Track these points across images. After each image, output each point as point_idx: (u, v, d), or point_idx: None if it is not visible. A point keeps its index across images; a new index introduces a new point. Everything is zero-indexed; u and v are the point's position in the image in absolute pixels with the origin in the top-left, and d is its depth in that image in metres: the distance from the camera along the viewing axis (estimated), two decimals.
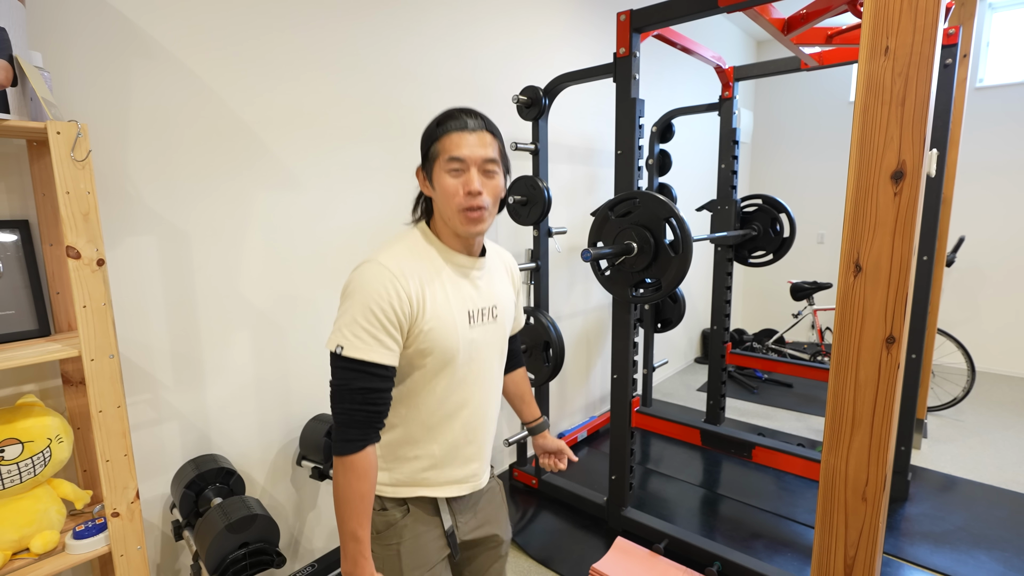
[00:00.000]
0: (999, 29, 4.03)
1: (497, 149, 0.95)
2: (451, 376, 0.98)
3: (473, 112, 0.95)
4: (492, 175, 0.94)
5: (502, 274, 1.12)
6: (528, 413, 1.31)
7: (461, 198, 0.92)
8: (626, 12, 1.87)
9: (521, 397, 1.31)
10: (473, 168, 0.92)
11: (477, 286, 1.02)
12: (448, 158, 0.92)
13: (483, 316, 1.02)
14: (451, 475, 1.04)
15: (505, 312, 1.08)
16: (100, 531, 1.15)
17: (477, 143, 0.92)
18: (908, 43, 0.86)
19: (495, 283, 1.07)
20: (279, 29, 1.67)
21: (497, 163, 0.95)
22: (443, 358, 0.96)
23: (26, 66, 1.03)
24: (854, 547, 1.02)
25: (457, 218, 0.94)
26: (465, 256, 1.00)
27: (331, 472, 1.69)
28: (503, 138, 1.00)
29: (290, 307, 1.78)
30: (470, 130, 0.92)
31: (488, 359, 1.04)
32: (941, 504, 2.38)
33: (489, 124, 0.96)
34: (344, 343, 0.88)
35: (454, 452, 1.03)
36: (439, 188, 0.94)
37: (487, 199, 0.93)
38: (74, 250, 1.03)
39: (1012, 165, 3.98)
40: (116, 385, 1.10)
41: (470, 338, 0.99)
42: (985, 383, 3.94)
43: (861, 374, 0.97)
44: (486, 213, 0.94)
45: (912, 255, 0.91)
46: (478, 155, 0.92)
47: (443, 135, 0.93)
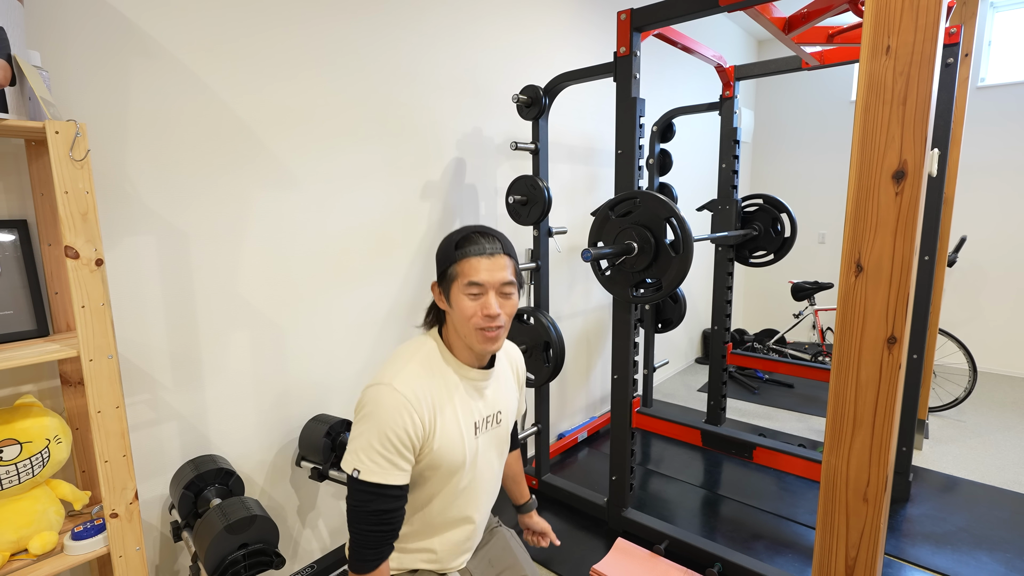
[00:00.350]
0: (1001, 28, 4.02)
1: (513, 270, 1.00)
2: (456, 484, 1.04)
3: (490, 234, 1.00)
4: (509, 296, 1.00)
5: (508, 376, 1.16)
6: (519, 494, 1.38)
7: (479, 319, 0.97)
8: (626, 11, 1.87)
9: (514, 478, 1.37)
10: (491, 292, 0.96)
11: (484, 396, 1.07)
12: (467, 283, 0.96)
13: (487, 424, 1.07)
14: (451, 562, 1.12)
15: (508, 415, 1.14)
16: (99, 532, 1.14)
17: (495, 267, 0.97)
18: (909, 42, 0.86)
19: (502, 389, 1.12)
20: (279, 29, 1.67)
21: (514, 284, 1.00)
22: (450, 470, 1.02)
23: (24, 65, 1.03)
24: (855, 548, 1.01)
25: (474, 336, 0.99)
26: (477, 370, 1.05)
27: (330, 473, 1.70)
28: (516, 254, 1.05)
29: (289, 307, 1.78)
30: (488, 255, 0.97)
31: (490, 462, 1.10)
32: (943, 505, 2.37)
33: (506, 246, 1.01)
34: (361, 467, 0.92)
35: (455, 547, 1.10)
36: (457, 308, 0.98)
37: (504, 319, 0.99)
38: (72, 250, 1.03)
39: (1014, 165, 3.97)
40: (115, 385, 1.09)
41: (475, 448, 1.04)
42: (987, 383, 3.93)
43: (862, 374, 0.96)
44: (502, 332, 1.00)
45: (913, 255, 0.90)
46: (496, 279, 0.97)
47: (462, 259, 0.97)
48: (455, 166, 2.29)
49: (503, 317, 0.98)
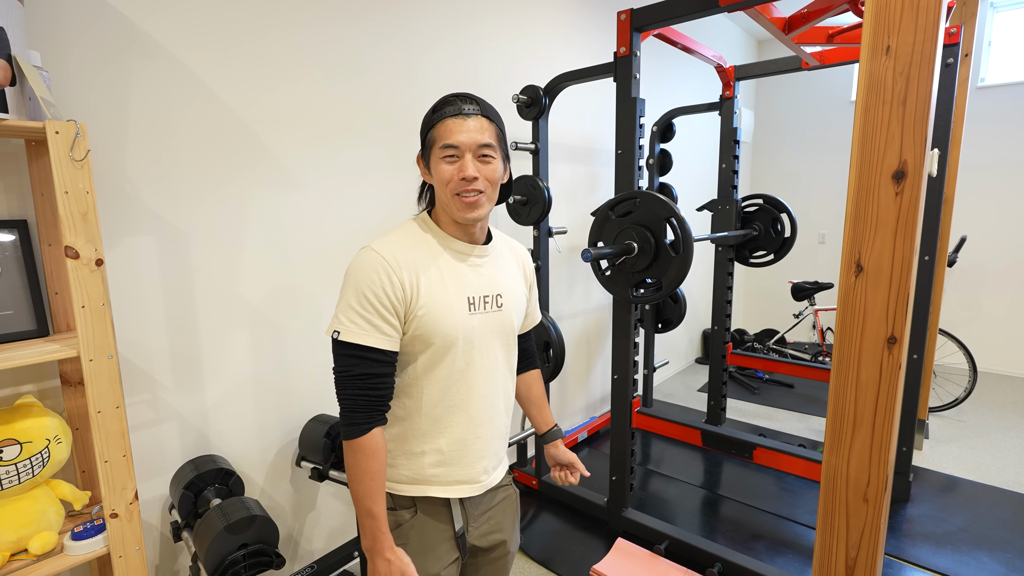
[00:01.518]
0: (1001, 28, 4.02)
1: (494, 134, 0.94)
2: (452, 364, 0.97)
3: (470, 97, 0.94)
4: (488, 160, 0.94)
5: (511, 264, 1.10)
6: (540, 420, 1.25)
7: (456, 183, 0.92)
8: (626, 11, 1.87)
9: (533, 401, 1.26)
10: (468, 154, 0.92)
11: (479, 272, 1.01)
12: (443, 145, 0.92)
13: (485, 303, 1.00)
14: (460, 474, 1.02)
15: (512, 302, 1.05)
16: (99, 532, 1.14)
17: (473, 128, 0.91)
18: (909, 42, 0.86)
19: (501, 271, 1.05)
20: (279, 29, 1.67)
21: (493, 148, 0.94)
22: (442, 344, 0.95)
23: (25, 65, 1.03)
24: (855, 548, 1.01)
25: (453, 204, 0.94)
26: (465, 243, 1.00)
27: (331, 473, 1.70)
28: (503, 123, 0.99)
29: (289, 307, 1.78)
30: (465, 115, 0.91)
31: (491, 348, 1.02)
32: (943, 505, 2.37)
33: (486, 109, 0.94)
34: (341, 328, 0.90)
35: (462, 448, 1.01)
36: (435, 175, 0.95)
37: (483, 184, 0.93)
38: (73, 250, 1.03)
39: (1014, 165, 3.97)
40: (115, 385, 1.09)
41: (471, 324, 0.97)
42: (987, 383, 3.93)
43: (862, 374, 0.96)
44: (483, 198, 0.94)
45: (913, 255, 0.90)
46: (473, 141, 0.91)
47: (439, 122, 0.93)
48: None
49: (482, 181, 0.93)
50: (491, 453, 1.05)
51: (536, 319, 1.22)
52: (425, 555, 1.00)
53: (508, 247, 1.12)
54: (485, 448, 1.04)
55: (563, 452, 1.24)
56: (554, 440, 1.24)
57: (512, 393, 1.11)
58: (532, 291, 1.17)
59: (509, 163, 1.02)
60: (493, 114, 0.96)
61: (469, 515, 1.06)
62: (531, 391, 1.25)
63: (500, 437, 1.08)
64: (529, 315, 1.18)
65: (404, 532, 1.00)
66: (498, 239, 1.09)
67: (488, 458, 1.05)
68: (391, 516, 1.01)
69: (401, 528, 1.00)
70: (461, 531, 1.04)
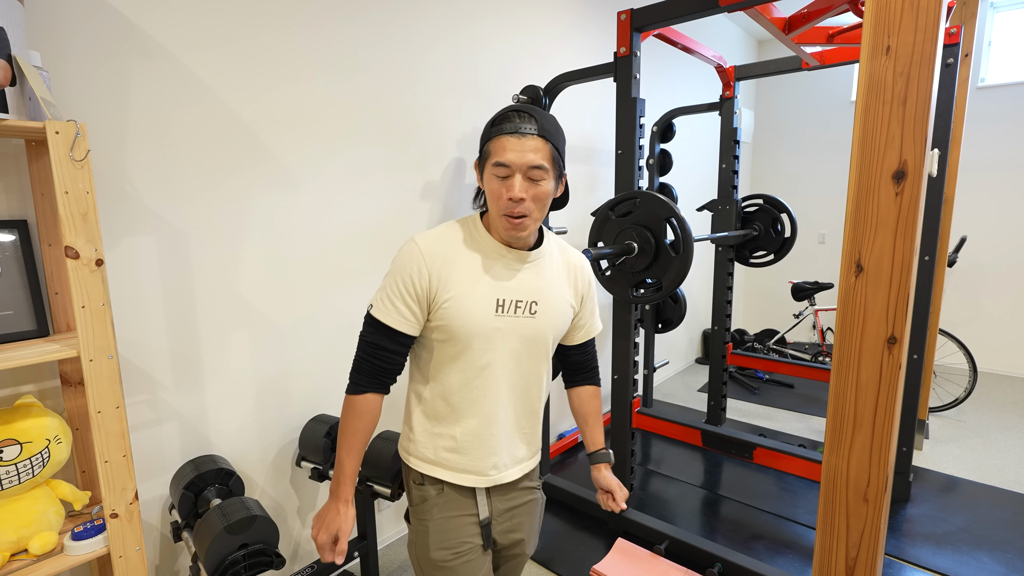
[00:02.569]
0: (1001, 29, 4.02)
1: (548, 155, 0.93)
2: (472, 360, 1.00)
3: (529, 114, 0.93)
4: (538, 182, 0.93)
5: (559, 273, 1.07)
6: (588, 438, 1.22)
7: (503, 203, 0.93)
8: (627, 11, 1.87)
9: (584, 417, 1.23)
10: (518, 174, 0.92)
11: (516, 277, 1.01)
12: (495, 162, 0.93)
13: (516, 308, 1.00)
14: (470, 464, 1.05)
15: (550, 311, 1.04)
16: (99, 532, 1.14)
17: (528, 148, 0.91)
18: (909, 42, 0.86)
19: (543, 278, 1.04)
20: (278, 29, 1.67)
21: (545, 170, 0.93)
22: (462, 337, 0.98)
23: (25, 66, 1.03)
24: (855, 548, 1.01)
25: (500, 222, 0.96)
26: (506, 247, 1.01)
27: (331, 473, 1.70)
28: (562, 139, 0.98)
29: (290, 307, 1.78)
30: (521, 134, 0.91)
31: (515, 352, 1.02)
32: (943, 505, 2.37)
33: (545, 127, 0.93)
34: (374, 303, 1.01)
35: (474, 440, 1.04)
36: (487, 189, 0.97)
37: (529, 206, 0.93)
38: (73, 250, 1.03)
39: (1014, 165, 3.97)
40: (115, 386, 1.09)
41: (494, 326, 0.99)
42: (987, 383, 3.93)
43: (862, 374, 0.96)
44: (528, 221, 0.95)
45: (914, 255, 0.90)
46: (524, 162, 0.91)
47: (495, 136, 0.93)
48: (455, 166, 2.29)
49: (528, 203, 0.93)
50: (504, 452, 1.06)
51: (593, 331, 1.18)
52: (447, 530, 1.04)
53: (562, 255, 1.10)
54: (498, 446, 1.05)
55: (604, 477, 1.20)
56: (598, 463, 1.21)
57: (539, 399, 1.10)
58: (586, 302, 1.14)
59: (564, 178, 1.02)
60: (552, 133, 0.94)
61: (494, 508, 1.09)
62: (584, 406, 1.23)
63: (518, 439, 1.09)
64: (582, 327, 1.16)
65: (428, 508, 1.06)
66: (551, 246, 1.08)
67: (499, 455, 1.06)
68: (418, 491, 1.08)
69: (427, 503, 1.06)
70: (487, 521, 1.07)
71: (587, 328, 1.17)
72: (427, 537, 1.05)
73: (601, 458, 1.21)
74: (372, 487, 1.63)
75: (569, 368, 1.24)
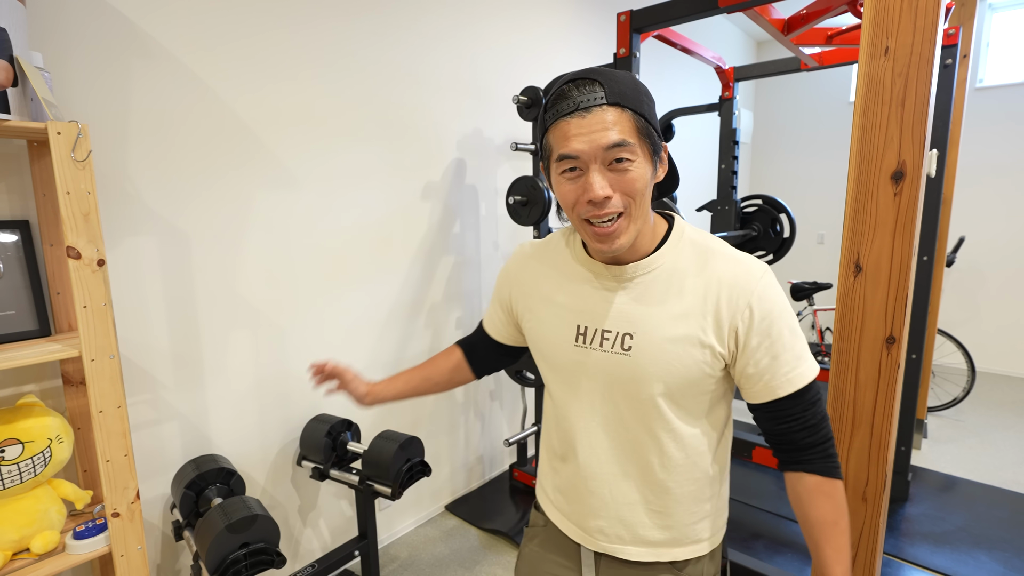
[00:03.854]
0: (999, 29, 4.03)
1: (631, 127, 0.66)
2: (559, 393, 0.83)
3: (590, 79, 0.66)
4: (626, 167, 0.66)
5: (684, 295, 0.73)
6: (823, 566, 0.74)
7: (582, 207, 0.69)
8: (626, 12, 1.87)
9: (811, 526, 0.75)
10: (594, 165, 0.66)
11: (607, 299, 0.76)
12: (558, 156, 0.68)
13: (601, 339, 0.76)
14: (574, 512, 0.84)
15: (653, 348, 0.73)
16: (100, 531, 1.14)
17: (597, 127, 0.65)
18: (908, 43, 0.86)
19: (650, 303, 0.74)
20: (280, 30, 1.67)
21: (631, 147, 0.66)
22: (546, 358, 0.83)
23: (26, 66, 1.03)
24: (854, 547, 1.02)
25: (583, 232, 0.72)
26: (599, 263, 0.77)
27: (331, 472, 1.70)
28: (647, 101, 0.69)
29: (290, 307, 1.78)
30: (584, 109, 0.65)
31: (609, 398, 0.77)
32: (941, 504, 2.37)
33: (615, 90, 0.65)
34: None
35: (572, 491, 0.84)
36: (557, 195, 0.72)
37: (620, 202, 0.68)
38: (74, 250, 1.03)
39: (1012, 165, 3.98)
40: (116, 385, 1.10)
41: (573, 359, 0.78)
42: (985, 383, 3.94)
43: (861, 374, 0.97)
44: (622, 223, 0.69)
45: (912, 255, 0.91)
46: (597, 145, 0.65)
47: (552, 124, 0.68)
48: (455, 167, 2.29)
49: (618, 199, 0.67)
50: (612, 519, 0.81)
51: (781, 389, 0.73)
52: (543, 562, 0.91)
53: (704, 266, 0.74)
54: (601, 508, 0.81)
55: None
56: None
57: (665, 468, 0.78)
58: (748, 346, 0.72)
59: (664, 152, 0.73)
60: (630, 96, 0.66)
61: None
62: (799, 506, 0.76)
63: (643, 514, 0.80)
64: (756, 379, 0.73)
65: (530, 535, 0.95)
66: (681, 254, 0.76)
67: (604, 519, 0.81)
68: (533, 513, 0.96)
69: (532, 529, 0.95)
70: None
71: (767, 382, 0.73)
72: (521, 563, 0.95)
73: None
74: (372, 487, 1.64)
75: (773, 446, 0.79)
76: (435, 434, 2.34)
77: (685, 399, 0.75)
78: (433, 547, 2.15)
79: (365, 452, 1.65)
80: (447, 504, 2.42)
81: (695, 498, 0.80)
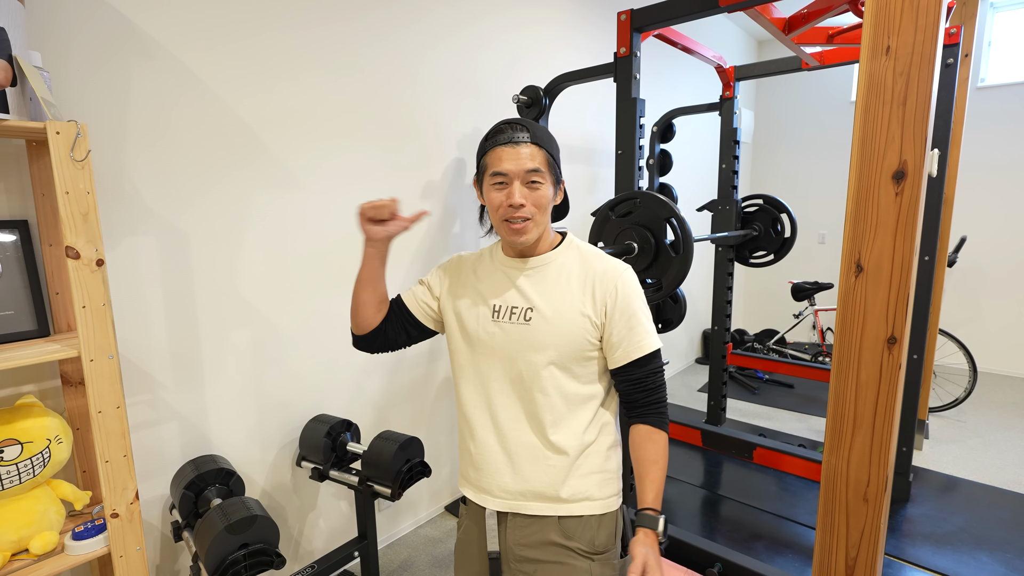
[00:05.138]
0: (1001, 29, 4.02)
1: (544, 160, 0.96)
2: (473, 365, 1.04)
3: (520, 124, 0.96)
4: (537, 186, 0.95)
5: (570, 280, 0.99)
6: (641, 492, 0.96)
7: (504, 209, 0.96)
8: (627, 12, 1.87)
9: (637, 462, 0.98)
10: (516, 181, 0.94)
11: (516, 284, 1.02)
12: (492, 172, 0.96)
13: (511, 314, 1.00)
14: (484, 479, 1.03)
15: (549, 321, 0.96)
16: (99, 532, 1.14)
17: (523, 156, 0.94)
18: (909, 43, 0.86)
19: (547, 286, 0.99)
20: (279, 29, 1.67)
21: (542, 173, 0.96)
22: (457, 337, 1.05)
23: (25, 66, 1.03)
24: (855, 548, 1.01)
25: (502, 229, 0.99)
26: (512, 260, 1.04)
27: (331, 473, 1.70)
28: (555, 147, 1.01)
29: (290, 307, 1.78)
30: (515, 143, 0.94)
31: (516, 360, 0.98)
32: (943, 505, 2.37)
33: (537, 135, 0.96)
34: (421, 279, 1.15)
35: (486, 457, 1.02)
36: (487, 201, 0.99)
37: (530, 210, 0.96)
38: (73, 250, 1.03)
39: (1014, 165, 3.97)
40: (115, 386, 1.09)
41: (490, 331, 1.01)
42: (987, 384, 3.93)
43: (862, 374, 0.96)
44: (530, 224, 0.96)
45: (913, 255, 0.90)
46: (521, 168, 0.94)
47: (490, 149, 0.96)
48: (455, 166, 2.29)
49: (529, 207, 0.95)
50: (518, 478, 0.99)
51: (634, 353, 0.97)
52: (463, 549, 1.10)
53: (583, 264, 1.01)
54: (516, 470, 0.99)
55: (636, 549, 0.90)
56: (644, 526, 0.93)
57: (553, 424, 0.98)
58: (613, 318, 0.97)
59: (562, 185, 1.04)
60: (544, 140, 0.97)
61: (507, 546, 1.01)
62: (635, 450, 0.99)
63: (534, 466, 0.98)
64: (617, 345, 0.98)
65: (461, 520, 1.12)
66: (568, 255, 1.02)
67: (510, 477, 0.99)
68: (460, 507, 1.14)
69: (461, 517, 1.12)
70: (495, 554, 1.02)
71: (624, 348, 0.98)
72: (456, 550, 1.12)
73: (643, 521, 0.93)
74: (372, 487, 1.63)
75: (624, 404, 1.04)
76: (435, 434, 2.34)
77: (573, 363, 0.99)
78: (433, 548, 2.14)
79: (365, 453, 1.65)
80: (447, 505, 2.42)
81: (585, 457, 1.00)
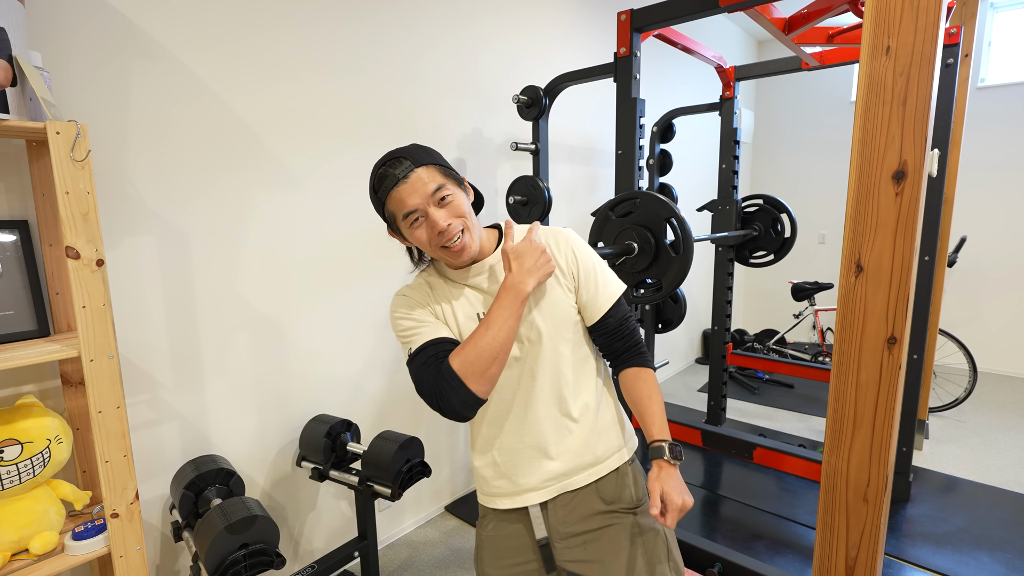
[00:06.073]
0: (1001, 29, 4.02)
1: (437, 173, 0.92)
2: None
3: (395, 160, 0.91)
4: (448, 200, 0.92)
5: None
6: (645, 429, 0.99)
7: (435, 239, 0.92)
8: (627, 12, 1.87)
9: (634, 404, 1.02)
10: (430, 209, 0.91)
11: (486, 291, 1.00)
12: (403, 215, 0.92)
13: None
14: (527, 480, 1.02)
15: (535, 308, 0.98)
16: (99, 532, 1.14)
17: (417, 186, 0.90)
18: (909, 43, 0.86)
19: None
20: (279, 29, 1.67)
21: (444, 186, 0.92)
22: None
23: (25, 66, 1.03)
24: (855, 548, 1.01)
25: (444, 257, 0.96)
26: (461, 272, 1.01)
27: (331, 473, 1.70)
28: (440, 157, 0.96)
29: (290, 307, 1.78)
30: (405, 179, 0.90)
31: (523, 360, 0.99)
32: (943, 505, 2.37)
33: (416, 158, 0.92)
34: (411, 345, 0.97)
35: (522, 459, 1.02)
36: (415, 242, 0.96)
37: (458, 223, 0.93)
38: (73, 250, 1.03)
39: (1014, 165, 3.97)
40: (115, 386, 1.09)
41: None
42: (987, 384, 3.93)
43: (862, 375, 0.96)
44: (466, 237, 0.94)
45: (913, 255, 0.90)
46: (425, 194, 0.90)
47: (386, 197, 0.92)
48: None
49: (455, 221, 0.92)
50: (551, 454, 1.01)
51: (607, 302, 1.02)
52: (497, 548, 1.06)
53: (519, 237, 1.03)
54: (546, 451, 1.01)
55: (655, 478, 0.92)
56: (655, 457, 0.95)
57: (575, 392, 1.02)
58: (580, 274, 1.01)
59: (466, 183, 1.00)
60: (424, 156, 0.93)
61: (554, 528, 1.03)
62: (630, 392, 1.03)
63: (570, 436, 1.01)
64: (588, 302, 1.02)
65: (485, 522, 1.09)
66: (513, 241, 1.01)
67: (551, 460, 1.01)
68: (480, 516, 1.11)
69: (484, 519, 1.09)
70: (544, 540, 1.03)
71: (596, 304, 1.01)
72: (481, 552, 1.08)
73: (654, 453, 0.95)
74: (372, 487, 1.63)
75: (608, 357, 1.08)
76: (435, 434, 2.34)
77: (568, 331, 1.01)
78: (433, 548, 2.14)
79: (365, 453, 1.65)
80: (447, 505, 2.42)
81: (600, 414, 1.05)
